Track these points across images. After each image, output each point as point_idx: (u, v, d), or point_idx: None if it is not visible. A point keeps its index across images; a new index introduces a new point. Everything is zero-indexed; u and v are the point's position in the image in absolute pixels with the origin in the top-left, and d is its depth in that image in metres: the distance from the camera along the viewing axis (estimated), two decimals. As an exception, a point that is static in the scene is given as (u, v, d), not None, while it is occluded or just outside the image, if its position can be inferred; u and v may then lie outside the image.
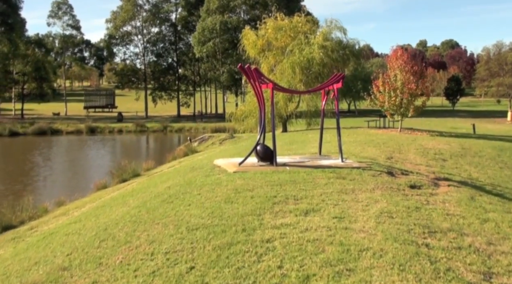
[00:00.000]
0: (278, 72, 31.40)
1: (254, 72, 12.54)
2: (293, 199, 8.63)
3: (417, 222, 7.52)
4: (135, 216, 8.19)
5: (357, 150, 16.62)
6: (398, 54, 25.46)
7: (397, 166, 13.46)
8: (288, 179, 10.45)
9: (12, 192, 21.05)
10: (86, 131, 58.29)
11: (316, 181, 10.37)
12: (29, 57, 74.15)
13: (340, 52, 30.82)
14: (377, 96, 26.34)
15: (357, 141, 19.85)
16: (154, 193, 10.50)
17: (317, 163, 12.92)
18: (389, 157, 15.23)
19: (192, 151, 25.40)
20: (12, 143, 49.36)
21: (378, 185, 10.28)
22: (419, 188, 10.75)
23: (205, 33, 68.06)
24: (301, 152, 16.43)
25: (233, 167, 12.25)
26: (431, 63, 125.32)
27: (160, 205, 8.76)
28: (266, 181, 10.15)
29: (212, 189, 9.57)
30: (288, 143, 20.49)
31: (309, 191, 9.33)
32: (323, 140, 18.68)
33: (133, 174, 18.13)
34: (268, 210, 7.78)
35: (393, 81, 25.32)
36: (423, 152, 17.20)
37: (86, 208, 12.00)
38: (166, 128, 61.65)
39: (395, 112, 26.30)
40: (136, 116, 77.07)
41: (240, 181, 10.22)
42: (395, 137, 22.56)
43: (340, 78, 13.64)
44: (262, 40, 32.54)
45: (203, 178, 11.20)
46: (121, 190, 13.96)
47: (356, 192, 9.50)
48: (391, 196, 9.37)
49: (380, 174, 11.70)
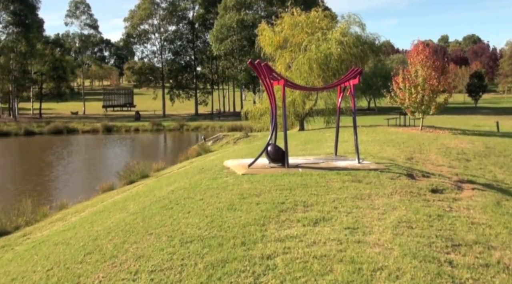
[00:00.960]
0: (294, 69, 30.62)
1: (265, 68, 11.83)
2: (303, 205, 7.90)
3: (439, 233, 6.74)
4: (129, 225, 7.54)
5: (376, 150, 15.78)
6: (419, 49, 24.45)
7: (418, 167, 12.61)
8: (300, 182, 9.72)
9: (22, 191, 20.65)
10: (102, 130, 58.09)
11: (330, 184, 9.63)
12: (46, 56, 74.38)
13: (359, 47, 29.87)
14: (397, 93, 25.40)
15: (376, 141, 18.99)
16: (156, 197, 9.86)
17: (332, 165, 12.16)
18: (409, 158, 14.36)
19: (205, 150, 24.78)
20: (27, 143, 49.33)
21: (397, 189, 9.49)
22: (441, 192, 9.93)
23: (222, 30, 67.55)
24: (316, 152, 15.66)
25: (242, 169, 11.56)
26: (452, 58, 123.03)
27: (158, 212, 8.11)
28: (275, 185, 9.43)
29: (216, 194, 8.88)
30: (303, 143, 19.73)
31: (321, 196, 8.60)
32: (340, 139, 17.94)
33: (141, 175, 17.51)
34: (274, 219, 7.06)
35: (414, 77, 24.34)
36: (445, 151, 16.29)
37: (85, 213, 11.42)
38: (183, 127, 61.13)
39: (416, 110, 25.33)
40: (153, 115, 76.92)
41: (247, 185, 9.52)
42: (416, 136, 21.63)
43: (357, 74, 12.85)
44: (279, 36, 31.79)
45: (209, 181, 10.53)
46: (125, 193, 13.37)
47: (372, 197, 8.73)
48: (410, 202, 8.59)
49: (399, 176, 10.89)
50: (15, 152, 43.27)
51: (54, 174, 28.15)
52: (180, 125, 61.58)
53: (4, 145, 47.47)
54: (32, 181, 24.51)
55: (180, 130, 59.71)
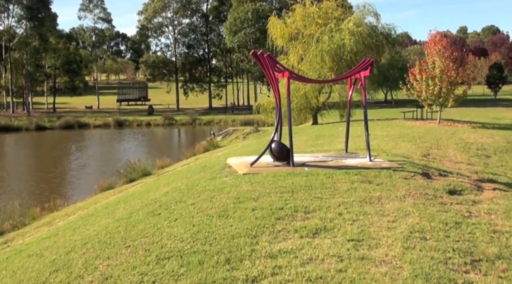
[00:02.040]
0: (306, 61, 29.70)
1: (268, 59, 10.99)
2: (303, 212, 7.09)
3: (457, 245, 5.89)
4: (110, 234, 6.81)
5: (389, 146, 14.84)
6: (437, 39, 23.36)
7: (434, 165, 11.68)
8: (304, 183, 8.91)
9: (23, 189, 20.13)
10: (114, 124, 57.54)
11: (337, 186, 8.80)
12: (60, 51, 74.12)
13: (374, 38, 28.81)
14: (414, 85, 24.37)
15: (390, 135, 18.02)
16: (148, 200, 9.12)
17: (341, 163, 11.31)
18: (426, 154, 13.41)
19: (214, 146, 24.00)
20: (37, 138, 48.92)
21: (411, 191, 8.64)
22: (460, 194, 9.05)
23: (236, 22, 66.68)
24: (326, 148, 14.79)
25: (244, 168, 10.77)
26: (471, 50, 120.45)
27: (144, 218, 7.37)
28: (276, 187, 8.63)
29: (210, 198, 8.11)
30: (314, 138, 18.86)
31: (325, 200, 7.78)
32: (353, 134, 17.04)
33: (142, 173, 16.75)
34: (268, 228, 6.26)
35: (431, 69, 23.28)
36: (464, 147, 15.30)
37: (74, 216, 10.73)
38: (195, 121, 60.31)
39: (433, 102, 24.28)
40: (167, 109, 76.40)
41: (246, 187, 8.73)
42: (433, 130, 20.63)
43: (368, 65, 11.95)
44: (290, 28, 30.83)
45: (207, 181, 9.76)
46: (121, 194, 12.66)
47: (382, 201, 7.89)
48: (425, 206, 7.73)
49: (413, 176, 10.01)
50: (23, 148, 42.84)
51: (59, 170, 27.61)
52: (192, 119, 60.78)
53: (13, 141, 47.06)
54: (37, 178, 23.99)
55: (192, 125, 58.91)
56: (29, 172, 27.30)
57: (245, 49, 71.24)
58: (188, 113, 64.75)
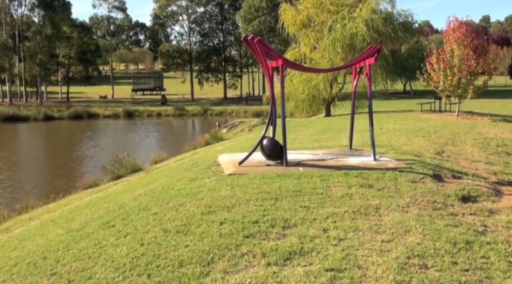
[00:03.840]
0: (319, 50, 28.35)
1: (258, 45, 9.77)
2: (281, 226, 5.90)
3: (465, 278, 4.66)
4: (46, 253, 5.71)
5: (401, 141, 13.50)
6: (455, 26, 21.81)
7: (448, 165, 10.34)
8: (292, 188, 7.71)
9: (9, 185, 19.23)
10: (124, 115, 56.48)
11: (330, 191, 7.60)
12: (74, 40, 73.45)
13: (389, 26, 27.32)
14: (431, 75, 22.90)
15: (404, 130, 16.66)
16: (114, 205, 8.02)
17: (341, 162, 10.08)
18: (439, 152, 12.03)
19: (217, 138, 22.83)
20: (43, 128, 48.00)
21: (417, 198, 7.41)
22: (475, 201, 7.79)
23: (251, 10, 65.30)
24: (330, 144, 13.54)
25: (232, 168, 9.62)
26: (494, 39, 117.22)
27: (94, 231, 6.26)
28: (259, 192, 7.45)
29: (179, 205, 6.97)
30: (321, 132, 17.59)
31: (312, 210, 6.59)
32: (362, 128, 15.80)
33: (131, 169, 15.59)
34: (230, 251, 5.08)
35: (449, 58, 21.77)
36: (483, 143, 13.87)
37: (35, 222, 9.65)
38: (206, 112, 58.97)
39: (451, 94, 22.79)
40: (182, 99, 75.45)
41: (225, 192, 7.57)
42: (451, 123, 19.18)
43: (375, 52, 10.65)
44: (302, 15, 29.45)
45: (185, 183, 8.61)
46: (97, 194, 11.55)
47: (381, 211, 6.67)
48: (431, 218, 6.49)
49: (422, 178, 8.75)
50: (23, 138, 42.02)
51: (56, 161, 26.64)
52: (204, 110, 59.47)
53: (16, 131, 46.17)
54: (28, 171, 23.09)
55: (204, 115, 57.57)
56: (23, 163, 26.36)
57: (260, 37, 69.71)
58: (200, 104, 63.54)
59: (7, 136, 41.94)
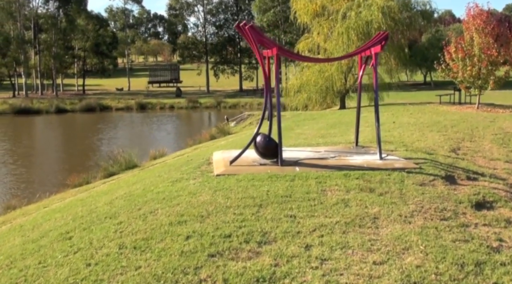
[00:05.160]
0: (332, 39, 27.26)
1: (250, 32, 8.86)
2: (257, 242, 5.03)
3: (474, 316, 3.73)
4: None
5: (413, 137, 12.46)
6: (475, 13, 20.58)
7: (463, 164, 9.32)
8: (282, 192, 6.83)
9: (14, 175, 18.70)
10: (136, 107, 55.78)
11: (325, 197, 6.70)
12: (89, 32, 73.03)
13: (406, 13, 26.12)
14: (450, 65, 21.72)
15: (418, 124, 15.60)
16: (86, 210, 7.22)
17: (343, 161, 9.14)
18: (455, 148, 10.99)
19: (224, 132, 21.99)
20: (53, 121, 47.62)
21: (423, 205, 6.48)
22: (490, 208, 6.82)
23: (266, 0, 64.13)
24: (336, 140, 12.57)
25: (222, 167, 8.77)
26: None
27: (47, 244, 5.47)
28: (242, 197, 6.59)
29: (150, 213, 6.14)
30: (329, 126, 16.61)
31: (298, 220, 5.70)
32: (374, 122, 14.79)
33: (126, 166, 14.80)
34: (187, 276, 4.22)
35: (468, 47, 20.58)
36: (503, 139, 12.77)
37: (5, 227, 8.91)
38: (220, 104, 57.84)
39: (471, 85, 21.61)
40: (198, 91, 74.63)
41: (205, 196, 6.73)
42: (470, 116, 18.05)
43: (382, 39, 9.65)
44: (315, 4, 28.37)
45: (167, 185, 7.79)
46: (81, 195, 10.81)
47: (379, 222, 5.76)
48: (437, 231, 5.57)
49: (433, 180, 7.78)
50: (32, 131, 41.44)
51: (58, 155, 26.07)
52: (217, 102, 58.34)
53: (27, 124, 45.48)
54: (26, 166, 22.55)
55: (217, 108, 56.50)
56: (22, 158, 25.80)
57: (275, 28, 68.56)
58: (214, 96, 62.55)
59: (15, 129, 41.41)
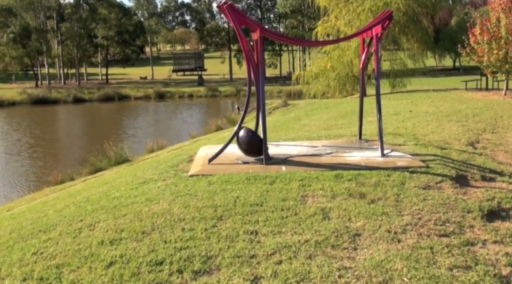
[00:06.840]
0: (350, 23, 25.91)
1: (229, 11, 7.74)
2: (193, 272, 3.98)
3: None
4: None
5: (428, 128, 11.15)
6: (503, -9, 19.02)
7: (480, 160, 8.00)
8: (254, 199, 5.75)
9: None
10: (155, 96, 55.16)
11: (303, 205, 5.61)
12: (111, 21, 72.73)
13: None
14: (475, 48, 20.20)
15: (437, 113, 14.22)
16: (32, 219, 6.29)
17: (339, 159, 7.99)
18: (473, 142, 9.63)
19: (233, 122, 20.98)
20: (69, 110, 47.27)
21: (421, 217, 5.34)
22: (506, 218, 5.62)
23: (289, -15, 62.68)
24: (341, 132, 11.39)
25: (199, 166, 7.75)
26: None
27: None
28: (204, 206, 5.54)
29: (86, 227, 5.16)
30: (339, 116, 15.40)
31: (259, 239, 4.62)
32: (390, 111, 13.63)
33: (115, 161, 13.84)
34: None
35: (494, 28, 19.01)
36: (531, 130, 11.39)
37: None
38: (239, 92, 56.49)
39: (498, 69, 20.06)
40: (221, 79, 73.86)
41: (162, 205, 5.71)
42: (495, 104, 16.57)
43: (386, 18, 8.36)
44: (333, -14, 27.06)
45: (129, 189, 6.80)
46: (50, 196, 9.93)
47: (359, 241, 4.64)
48: (433, 254, 4.42)
49: (439, 182, 6.57)
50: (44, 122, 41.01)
51: (61, 145, 25.53)
52: (237, 90, 57.23)
53: (41, 114, 45.05)
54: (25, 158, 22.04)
55: (236, 96, 55.48)
56: (33, 148, 25.27)
57: (298, 14, 66.95)
58: (234, 84, 61.54)
59: (31, 119, 41.13)
